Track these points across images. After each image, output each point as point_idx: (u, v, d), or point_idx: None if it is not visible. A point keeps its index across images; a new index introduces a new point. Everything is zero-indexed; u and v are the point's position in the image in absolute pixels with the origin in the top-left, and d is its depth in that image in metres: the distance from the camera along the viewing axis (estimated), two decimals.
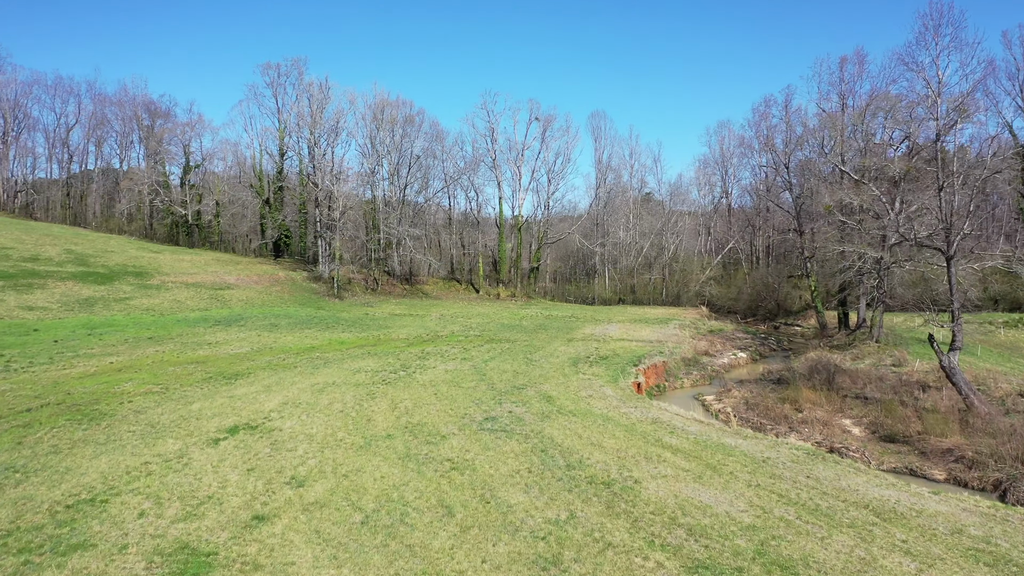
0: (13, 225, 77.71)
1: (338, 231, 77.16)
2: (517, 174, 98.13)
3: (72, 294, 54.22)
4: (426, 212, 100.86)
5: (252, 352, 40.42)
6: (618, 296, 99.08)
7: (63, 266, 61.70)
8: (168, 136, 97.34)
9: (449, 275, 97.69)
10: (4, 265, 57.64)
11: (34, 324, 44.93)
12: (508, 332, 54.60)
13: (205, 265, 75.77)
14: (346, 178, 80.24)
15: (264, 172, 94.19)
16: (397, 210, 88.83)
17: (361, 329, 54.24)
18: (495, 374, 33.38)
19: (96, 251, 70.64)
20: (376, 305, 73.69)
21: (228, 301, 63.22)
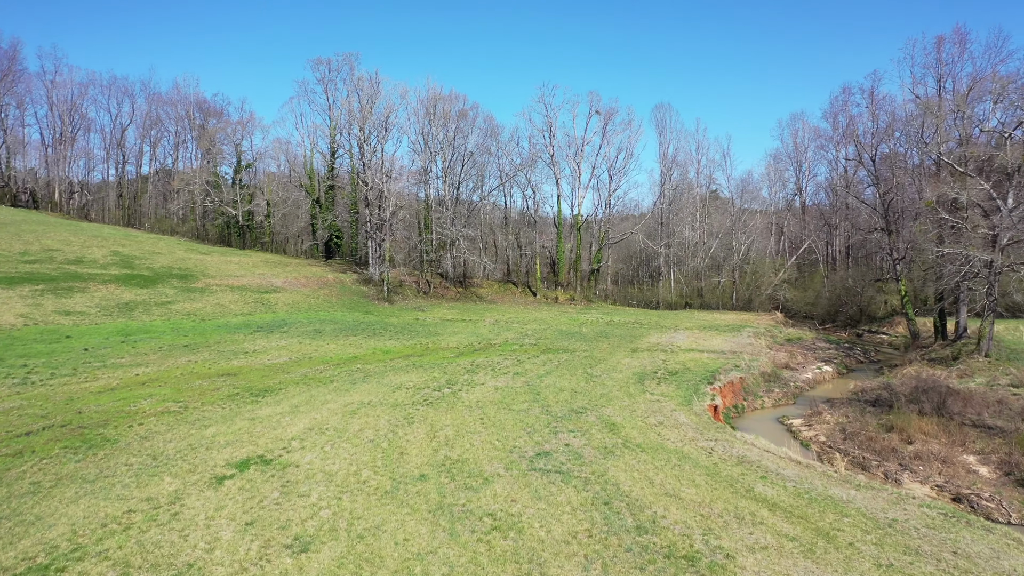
0: (64, 226, 78.38)
1: (388, 231, 75.10)
2: (576, 171, 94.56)
3: (112, 298, 53.33)
4: (481, 211, 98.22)
5: (289, 363, 38.20)
6: (684, 300, 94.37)
7: (107, 268, 61.21)
8: (220, 135, 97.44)
9: (505, 277, 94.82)
10: (47, 268, 57.33)
11: (68, 330, 43.82)
12: (566, 341, 51.20)
13: (253, 267, 74.77)
14: (397, 176, 78.15)
15: (315, 171, 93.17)
16: (450, 209, 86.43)
17: (409, 336, 51.69)
18: (551, 393, 30.04)
19: (143, 253, 70.32)
20: (427, 309, 71.25)
21: (273, 305, 61.69)
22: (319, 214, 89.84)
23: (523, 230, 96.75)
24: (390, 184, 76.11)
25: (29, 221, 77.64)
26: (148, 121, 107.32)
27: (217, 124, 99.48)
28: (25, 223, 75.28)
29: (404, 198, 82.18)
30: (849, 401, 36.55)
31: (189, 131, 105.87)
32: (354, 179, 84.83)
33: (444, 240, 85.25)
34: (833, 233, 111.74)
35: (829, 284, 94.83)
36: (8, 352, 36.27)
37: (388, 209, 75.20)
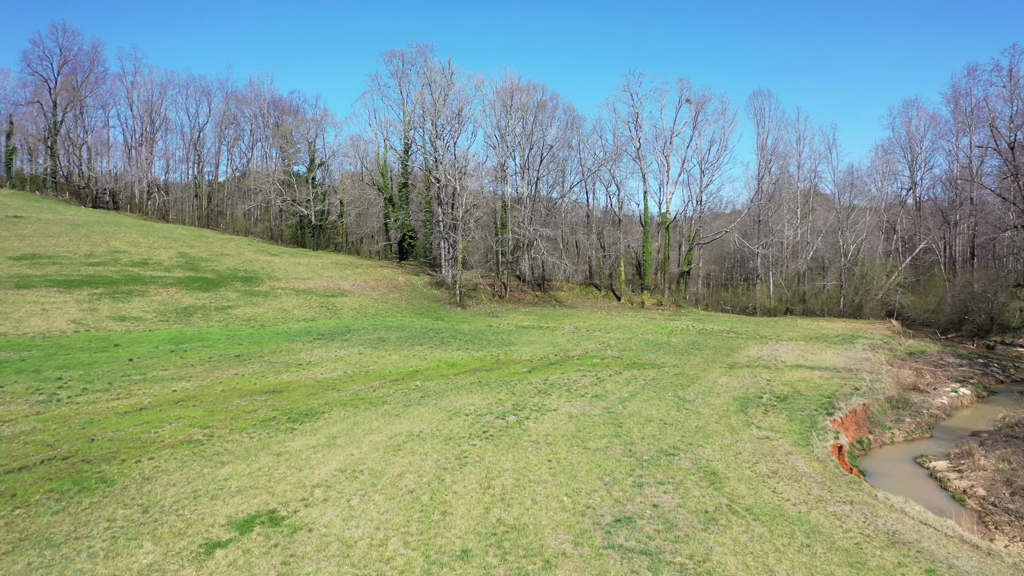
0: (136, 227, 79.06)
1: (462, 231, 71.99)
2: (665, 165, 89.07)
3: (172, 302, 52.12)
4: (561, 209, 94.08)
5: (343, 378, 35.22)
6: (784, 306, 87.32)
7: (171, 271, 60.49)
8: (294, 133, 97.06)
9: (586, 280, 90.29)
10: (110, 270, 56.90)
11: (119, 337, 42.40)
12: (653, 352, 46.46)
13: (322, 269, 73.16)
14: (472, 172, 74.98)
15: (388, 168, 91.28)
16: (528, 207, 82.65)
17: (479, 346, 48.14)
18: (635, 424, 25.63)
19: (210, 254, 69.70)
20: (502, 315, 67.67)
21: (339, 310, 59.45)
22: (392, 213, 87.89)
23: (606, 229, 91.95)
24: (464, 181, 72.99)
25: (103, 222, 78.70)
26: (225, 120, 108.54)
27: (292, 122, 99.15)
28: (98, 224, 76.22)
29: (479, 196, 78.99)
30: (1007, 438, 30.41)
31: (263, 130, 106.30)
32: (427, 176, 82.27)
33: (521, 240, 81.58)
34: (954, 231, 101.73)
35: (952, 289, 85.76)
36: (49, 363, 34.72)
37: (461, 207, 72.09)
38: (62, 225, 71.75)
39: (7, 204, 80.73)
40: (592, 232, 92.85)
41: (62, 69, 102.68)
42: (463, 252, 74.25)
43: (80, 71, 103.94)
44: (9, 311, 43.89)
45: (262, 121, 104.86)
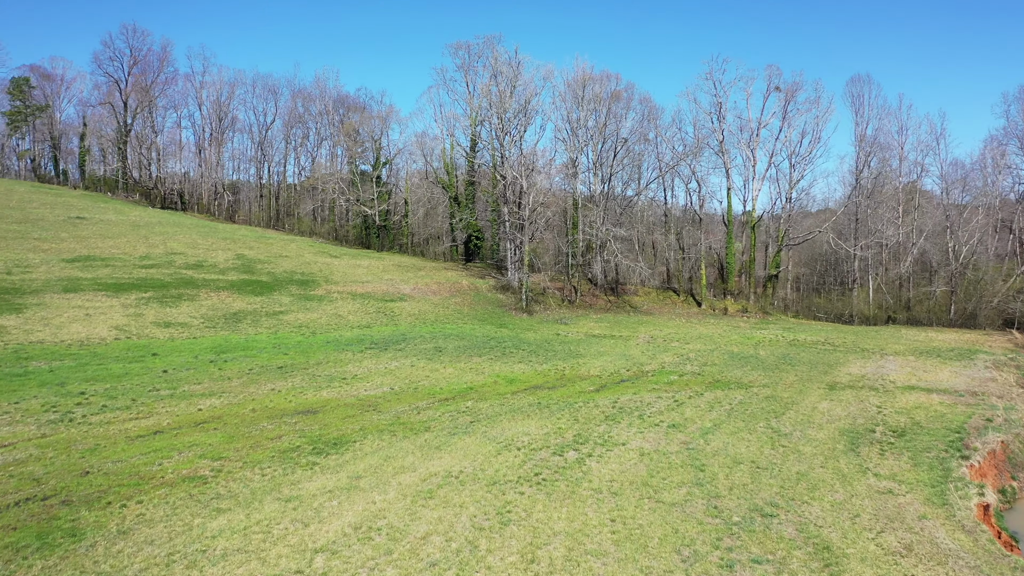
0: (197, 228, 78.87)
1: (528, 232, 68.45)
2: (750, 159, 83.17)
3: (221, 307, 50.51)
4: (636, 208, 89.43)
5: (387, 395, 32.23)
6: (886, 313, 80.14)
7: (225, 274, 59.22)
8: (359, 131, 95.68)
9: (663, 284, 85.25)
10: (163, 273, 55.95)
11: (160, 345, 40.69)
12: (739, 368, 41.81)
13: (382, 272, 70.97)
14: (540, 169, 71.36)
15: (454, 165, 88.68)
16: (601, 206, 78.38)
17: (544, 358, 44.52)
18: (721, 467, 21.47)
19: (268, 256, 68.45)
20: (571, 322, 63.78)
21: (396, 316, 56.84)
22: (457, 212, 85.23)
23: (686, 229, 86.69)
24: (531, 178, 69.46)
25: (165, 223, 78.85)
26: (292, 119, 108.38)
27: (357, 119, 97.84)
28: (159, 225, 76.32)
29: (548, 194, 75.31)
30: None
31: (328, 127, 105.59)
32: (493, 173, 79.15)
33: (593, 241, 77.45)
34: None
35: None
36: (77, 374, 33.00)
37: (528, 206, 68.57)
38: (123, 226, 71.95)
39: (73, 205, 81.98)
40: (670, 232, 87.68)
41: (132, 70, 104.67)
42: (530, 254, 70.71)
43: (150, 71, 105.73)
44: (51, 316, 42.88)
45: (327, 119, 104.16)
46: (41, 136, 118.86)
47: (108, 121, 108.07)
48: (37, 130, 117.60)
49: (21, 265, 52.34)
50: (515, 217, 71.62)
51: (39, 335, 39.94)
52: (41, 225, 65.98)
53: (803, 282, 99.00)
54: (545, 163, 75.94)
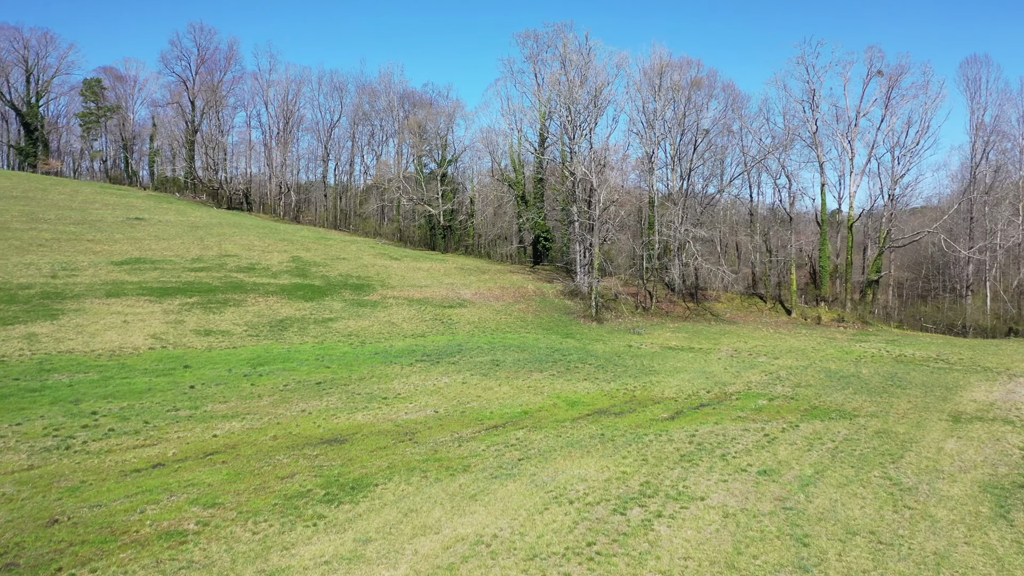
0: (257, 229, 77.75)
1: (598, 232, 64.12)
2: (848, 151, 76.46)
3: (268, 314, 48.28)
4: (718, 207, 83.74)
5: (430, 421, 28.82)
6: (1006, 325, 72.21)
7: (277, 277, 57.26)
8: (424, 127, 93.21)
9: (748, 290, 79.30)
10: (212, 276, 54.32)
11: (196, 356, 38.49)
12: (839, 390, 36.72)
13: (443, 275, 67.95)
14: (611, 164, 66.97)
15: (522, 162, 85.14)
16: (679, 204, 73.29)
17: (612, 374, 40.37)
18: (829, 541, 16.96)
19: (325, 259, 66.38)
20: (645, 331, 59.16)
21: (454, 324, 53.57)
22: (524, 212, 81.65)
23: (773, 229, 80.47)
24: (603, 174, 65.14)
25: (225, 224, 78.08)
26: (357, 117, 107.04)
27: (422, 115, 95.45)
28: (219, 226, 75.51)
29: (621, 192, 70.77)
30: None
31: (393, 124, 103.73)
32: (563, 170, 75.15)
33: (671, 243, 72.49)
34: None
35: None
36: (97, 390, 30.84)
37: (599, 205, 64.26)
38: (181, 227, 71.28)
39: (135, 206, 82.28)
40: (756, 233, 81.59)
41: (199, 69, 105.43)
42: (601, 257, 66.39)
43: (217, 70, 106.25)
44: (86, 323, 41.33)
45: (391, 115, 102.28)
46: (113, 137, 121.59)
47: (177, 121, 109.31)
48: (109, 131, 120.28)
49: (68, 268, 51.48)
50: (585, 217, 67.44)
51: (70, 344, 38.30)
52: (98, 226, 65.75)
53: (906, 288, 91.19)
54: (618, 158, 71.54)
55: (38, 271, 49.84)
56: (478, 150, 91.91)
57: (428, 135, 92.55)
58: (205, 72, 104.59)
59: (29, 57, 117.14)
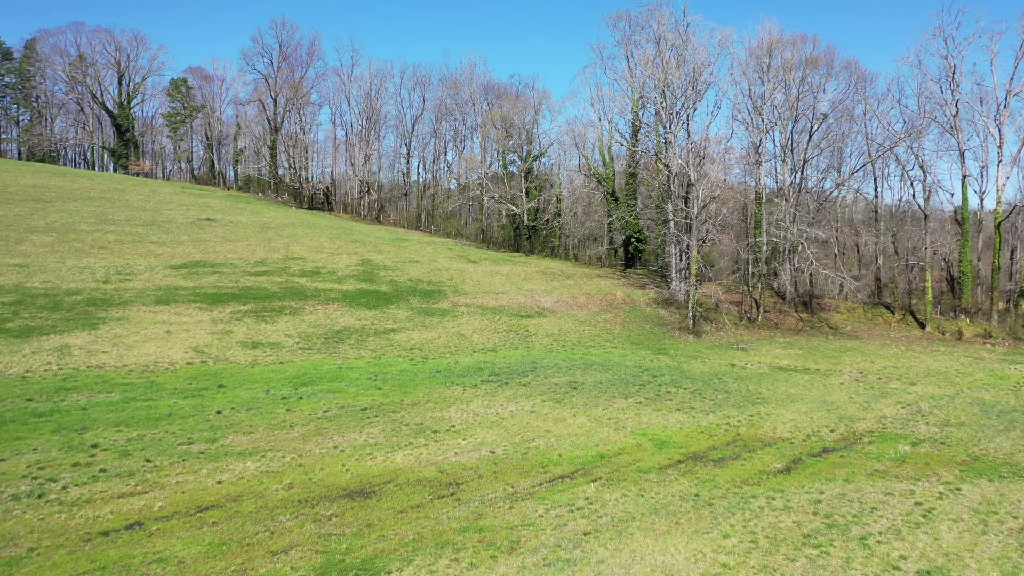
0: (329, 230, 75.25)
1: (696, 233, 57.76)
2: (995, 138, 66.88)
3: (325, 323, 44.79)
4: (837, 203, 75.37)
5: (482, 465, 24.10)
6: None
7: (341, 282, 53.98)
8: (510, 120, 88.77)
9: (872, 298, 70.60)
10: (272, 281, 51.55)
11: (235, 373, 35.18)
12: (1003, 433, 29.97)
13: (523, 280, 63.19)
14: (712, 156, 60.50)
15: (612, 156, 79.51)
16: (791, 201, 65.79)
17: (712, 402, 34.55)
18: None
19: (396, 262, 62.83)
20: (750, 347, 52.52)
21: (530, 336, 48.68)
22: (614, 211, 75.98)
23: (903, 229, 71.50)
24: (702, 167, 58.78)
25: (298, 225, 75.98)
26: (440, 112, 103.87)
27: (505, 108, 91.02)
28: (291, 227, 73.41)
29: (722, 187, 64.01)
30: None
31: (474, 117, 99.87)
32: (657, 163, 68.99)
33: (780, 245, 65.17)
34: None
35: None
36: (110, 415, 27.68)
37: (698, 202, 57.91)
38: (251, 228, 69.41)
39: (210, 206, 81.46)
40: (882, 233, 72.72)
41: (281, 65, 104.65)
42: (700, 260, 59.94)
43: (299, 66, 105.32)
44: (126, 334, 38.71)
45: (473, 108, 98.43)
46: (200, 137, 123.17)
47: (259, 120, 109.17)
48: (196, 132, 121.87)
49: (123, 272, 49.62)
50: (681, 215, 61.23)
51: (103, 358, 35.60)
52: (166, 228, 64.48)
53: None
54: (720, 150, 64.88)
55: (91, 275, 48.14)
56: (565, 144, 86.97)
57: (512, 128, 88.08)
58: (286, 69, 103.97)
59: (121, 59, 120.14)
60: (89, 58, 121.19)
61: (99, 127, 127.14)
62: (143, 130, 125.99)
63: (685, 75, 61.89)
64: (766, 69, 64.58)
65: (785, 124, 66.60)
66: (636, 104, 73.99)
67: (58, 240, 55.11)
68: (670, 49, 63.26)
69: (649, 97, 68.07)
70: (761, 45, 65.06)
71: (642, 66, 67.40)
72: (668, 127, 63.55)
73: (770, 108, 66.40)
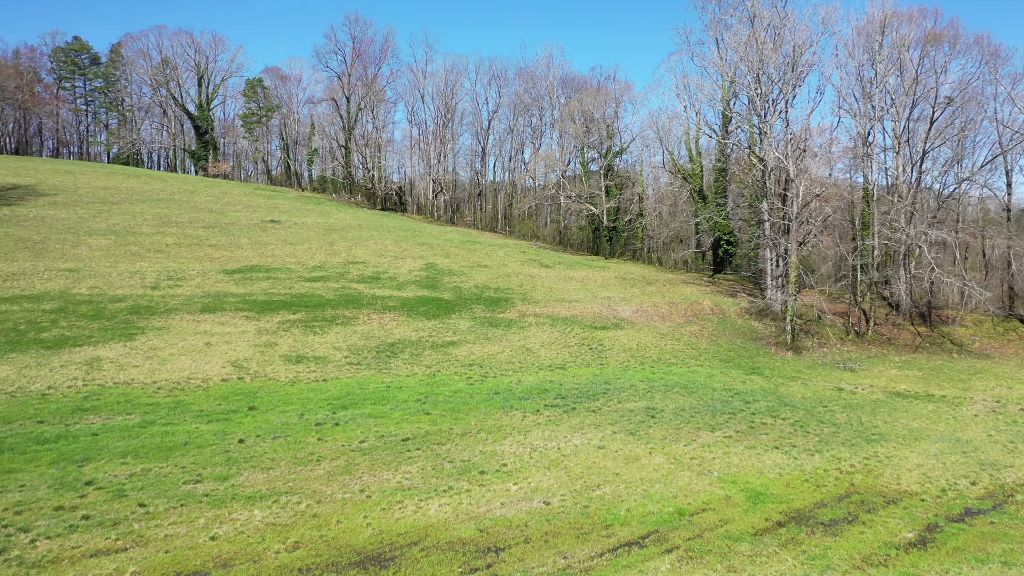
0: (396, 232, 72.60)
1: (796, 235, 51.84)
2: None
3: (378, 335, 41.66)
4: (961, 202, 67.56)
5: (532, 521, 20.24)
6: None
7: (402, 288, 50.91)
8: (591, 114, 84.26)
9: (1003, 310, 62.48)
10: (328, 287, 48.97)
11: (271, 392, 32.32)
12: None
13: (600, 287, 58.73)
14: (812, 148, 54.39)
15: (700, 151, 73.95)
16: (906, 199, 58.86)
17: (817, 438, 29.55)
18: None
19: (463, 266, 59.43)
20: (860, 367, 46.48)
21: (604, 351, 44.24)
22: (701, 211, 70.51)
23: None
24: (802, 162, 52.86)
25: (366, 227, 73.70)
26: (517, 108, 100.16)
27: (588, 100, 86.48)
28: (357, 229, 71.21)
29: (825, 184, 57.72)
30: None
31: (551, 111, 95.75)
32: (750, 157, 63.18)
33: (894, 248, 58.40)
34: None
35: None
36: (119, 444, 25.08)
37: (798, 201, 52.04)
38: (315, 231, 67.40)
39: (278, 208, 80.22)
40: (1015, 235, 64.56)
41: (355, 63, 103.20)
42: (800, 266, 53.95)
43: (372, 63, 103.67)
44: (163, 346, 36.39)
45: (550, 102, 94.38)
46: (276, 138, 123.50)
47: (333, 119, 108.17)
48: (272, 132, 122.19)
49: (174, 277, 47.83)
50: (778, 215, 55.41)
51: (133, 373, 33.25)
52: (228, 230, 63.03)
53: None
54: (823, 142, 58.59)
55: (141, 280, 46.50)
56: (648, 138, 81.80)
57: (592, 123, 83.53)
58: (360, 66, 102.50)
59: (200, 61, 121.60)
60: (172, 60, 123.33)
61: (181, 130, 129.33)
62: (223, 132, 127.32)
63: (783, 57, 55.92)
64: (877, 48, 57.69)
65: (900, 111, 59.48)
66: (727, 92, 68.31)
67: (115, 243, 54.07)
68: (766, 29, 57.40)
69: (742, 84, 62.21)
70: (871, 21, 58.27)
71: (734, 49, 61.57)
72: (763, 117, 57.67)
73: (881, 93, 59.48)
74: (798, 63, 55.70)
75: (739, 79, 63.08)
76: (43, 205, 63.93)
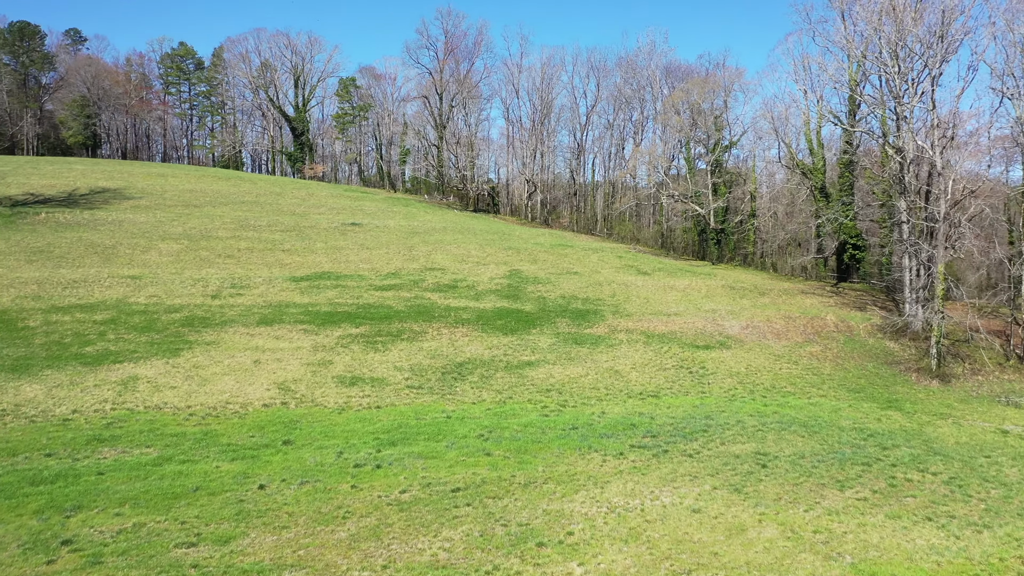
0: (482, 236, 68.77)
1: (942, 239, 44.29)
2: None
3: (446, 353, 37.66)
4: None
5: None
6: None
7: (479, 299, 46.95)
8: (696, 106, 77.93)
9: None
10: (399, 297, 45.66)
11: (313, 421, 29.00)
12: None
13: (703, 297, 52.78)
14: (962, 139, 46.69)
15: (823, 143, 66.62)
16: None
17: (982, 503, 23.46)
18: None
19: (550, 273, 54.93)
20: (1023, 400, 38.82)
21: (706, 375, 38.54)
22: (824, 210, 63.21)
23: None
24: (949, 153, 45.27)
25: (451, 230, 70.35)
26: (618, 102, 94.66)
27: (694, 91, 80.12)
28: (441, 232, 67.89)
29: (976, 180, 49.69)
30: None
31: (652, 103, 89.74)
32: (883, 147, 55.46)
33: None
34: None
35: None
36: (124, 486, 22.36)
37: (945, 199, 44.50)
38: (396, 234, 64.40)
39: (362, 210, 78.06)
40: None
41: (447, 57, 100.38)
42: (943, 275, 46.18)
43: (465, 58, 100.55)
44: (208, 363, 33.60)
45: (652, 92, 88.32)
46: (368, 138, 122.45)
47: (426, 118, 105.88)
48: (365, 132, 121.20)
49: (238, 284, 45.46)
50: (919, 215, 47.86)
51: (168, 395, 30.36)
52: (306, 234, 60.80)
53: None
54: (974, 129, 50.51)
55: (203, 289, 44.28)
56: (761, 130, 74.70)
57: (698, 114, 77.17)
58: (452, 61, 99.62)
59: (297, 62, 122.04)
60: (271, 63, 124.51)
61: (279, 132, 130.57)
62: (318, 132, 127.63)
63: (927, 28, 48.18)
64: None
65: None
66: (854, 74, 60.71)
67: (186, 248, 52.50)
68: None
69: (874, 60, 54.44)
70: None
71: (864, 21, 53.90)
72: (901, 99, 49.97)
73: None
74: (947, 33, 47.80)
75: (870, 56, 55.28)
76: (125, 209, 63.69)
